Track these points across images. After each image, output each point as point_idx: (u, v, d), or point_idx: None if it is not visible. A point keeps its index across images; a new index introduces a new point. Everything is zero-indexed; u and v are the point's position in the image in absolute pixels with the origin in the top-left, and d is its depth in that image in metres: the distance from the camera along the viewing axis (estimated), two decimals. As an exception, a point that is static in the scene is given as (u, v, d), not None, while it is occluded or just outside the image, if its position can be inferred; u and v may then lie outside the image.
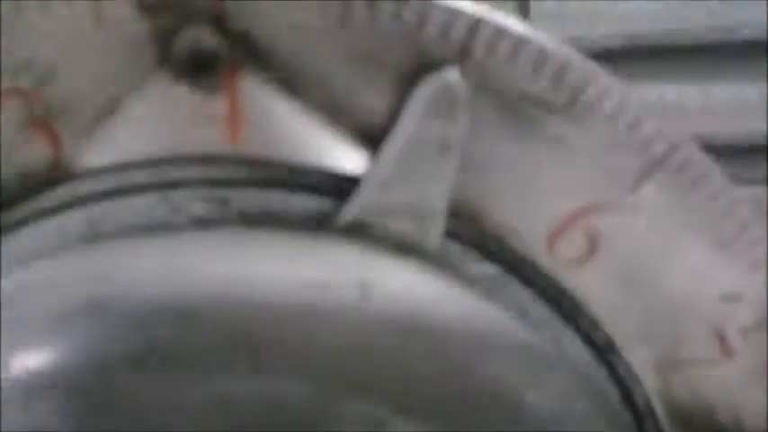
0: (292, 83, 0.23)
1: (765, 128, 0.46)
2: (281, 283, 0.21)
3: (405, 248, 0.22)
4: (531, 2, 0.46)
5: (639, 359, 0.24)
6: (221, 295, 0.21)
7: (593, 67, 0.22)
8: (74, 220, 0.23)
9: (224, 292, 0.21)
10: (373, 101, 0.23)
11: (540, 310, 0.24)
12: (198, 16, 0.22)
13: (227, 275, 0.21)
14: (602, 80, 0.22)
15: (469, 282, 0.23)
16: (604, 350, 0.24)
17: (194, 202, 0.23)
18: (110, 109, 0.23)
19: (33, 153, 0.23)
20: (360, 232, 0.22)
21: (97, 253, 0.22)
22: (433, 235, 0.23)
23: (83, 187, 0.23)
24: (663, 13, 0.46)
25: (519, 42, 0.22)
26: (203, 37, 0.22)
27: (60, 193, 0.23)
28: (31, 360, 0.20)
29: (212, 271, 0.21)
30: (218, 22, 0.22)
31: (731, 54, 0.46)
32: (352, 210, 0.23)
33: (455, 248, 0.24)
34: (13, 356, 0.20)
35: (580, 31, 0.46)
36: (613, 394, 0.24)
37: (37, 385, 0.20)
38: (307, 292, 0.21)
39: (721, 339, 0.24)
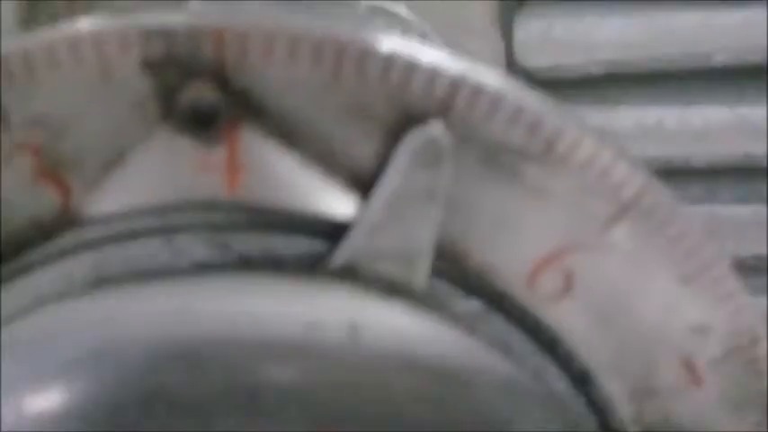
0: (289, 134, 0.24)
1: (739, 149, 0.47)
2: (275, 326, 0.22)
3: (393, 289, 0.24)
4: (515, 29, 0.48)
5: (614, 388, 0.26)
6: (221, 339, 0.22)
7: (566, 118, 0.24)
8: (80, 264, 0.25)
9: (223, 335, 0.22)
10: (363, 150, 0.24)
11: (522, 343, 0.26)
12: (199, 73, 0.24)
13: (226, 320, 0.22)
14: (575, 131, 0.24)
15: (455, 319, 0.25)
16: (581, 380, 0.26)
17: (196, 246, 0.24)
18: (116, 160, 0.24)
19: (43, 203, 0.24)
20: (351, 274, 0.24)
21: (103, 299, 0.23)
22: (420, 276, 0.24)
23: (89, 234, 0.25)
24: (642, 40, 0.47)
25: (497, 97, 0.24)
26: (205, 93, 0.24)
27: (67, 239, 0.25)
28: (44, 403, 0.22)
29: (211, 315, 0.23)
30: (219, 79, 0.24)
31: (707, 79, 0.47)
32: (343, 253, 0.24)
33: (441, 286, 0.25)
34: (26, 399, 0.22)
35: (562, 57, 0.48)
36: (590, 421, 0.26)
37: (51, 427, 0.22)
38: (300, 334, 0.22)
39: (691, 370, 0.26)
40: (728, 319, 0.25)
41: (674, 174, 0.47)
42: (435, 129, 0.24)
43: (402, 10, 0.37)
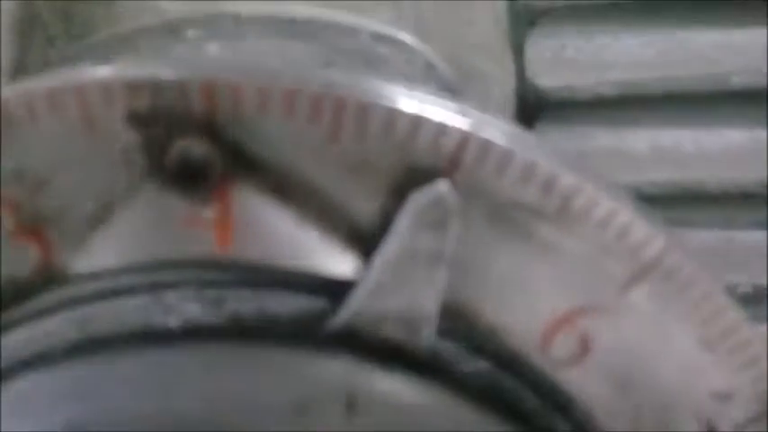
0: (284, 190, 0.23)
1: (758, 174, 0.46)
2: (267, 400, 0.21)
3: (396, 355, 0.23)
4: (526, 49, 0.46)
5: (632, 454, 0.25)
6: (206, 419, 0.21)
7: (581, 176, 0.22)
8: (66, 322, 0.23)
9: (209, 416, 0.21)
10: (364, 207, 0.23)
11: (534, 405, 0.24)
12: (188, 127, 0.22)
13: (214, 395, 0.21)
14: (591, 189, 0.22)
15: (462, 383, 0.23)
16: None
17: (187, 303, 0.23)
18: (101, 216, 0.23)
19: (23, 260, 0.23)
20: (350, 339, 0.23)
21: (85, 366, 0.22)
22: (425, 339, 0.23)
23: (73, 291, 0.23)
24: (656, 61, 0.46)
25: (507, 154, 0.22)
26: (194, 147, 0.22)
27: (50, 297, 0.23)
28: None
29: (197, 392, 0.21)
30: (209, 132, 0.22)
31: (724, 101, 0.46)
32: (343, 316, 0.23)
33: (448, 347, 0.24)
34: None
35: (575, 78, 0.46)
36: None
37: None
38: (293, 410, 0.21)
39: None
40: (752, 385, 0.24)
41: (689, 198, 0.46)
42: (442, 187, 0.22)
43: (407, 38, 0.35)
